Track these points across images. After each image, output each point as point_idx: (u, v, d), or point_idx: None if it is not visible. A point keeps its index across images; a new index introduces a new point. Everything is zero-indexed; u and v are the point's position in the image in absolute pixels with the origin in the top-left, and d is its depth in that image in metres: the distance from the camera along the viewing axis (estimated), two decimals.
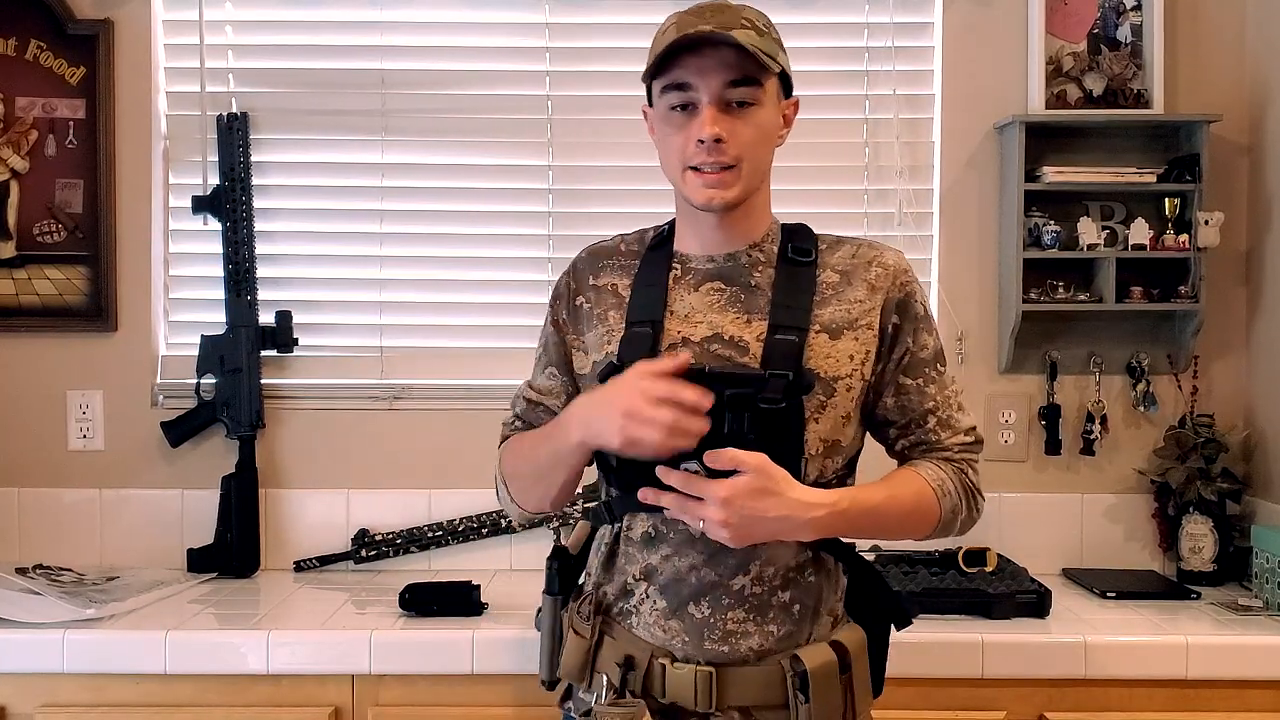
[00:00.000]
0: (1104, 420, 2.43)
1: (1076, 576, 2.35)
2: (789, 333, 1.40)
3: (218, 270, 2.44)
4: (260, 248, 2.45)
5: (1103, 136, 2.42)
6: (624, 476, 1.41)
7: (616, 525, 1.47)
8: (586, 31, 2.48)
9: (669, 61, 1.39)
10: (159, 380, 2.48)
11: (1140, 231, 2.34)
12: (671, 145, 1.43)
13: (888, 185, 2.48)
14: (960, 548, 2.25)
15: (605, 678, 1.44)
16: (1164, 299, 2.36)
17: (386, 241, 2.50)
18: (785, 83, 1.48)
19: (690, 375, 1.31)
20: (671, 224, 1.55)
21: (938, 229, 2.47)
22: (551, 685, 1.54)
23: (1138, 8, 2.41)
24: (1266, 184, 2.38)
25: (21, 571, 2.24)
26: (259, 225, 2.45)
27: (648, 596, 1.44)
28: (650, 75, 1.43)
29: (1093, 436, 2.42)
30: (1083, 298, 2.38)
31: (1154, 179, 2.35)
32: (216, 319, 2.44)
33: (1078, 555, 2.44)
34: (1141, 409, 2.43)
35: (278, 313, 2.44)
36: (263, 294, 2.45)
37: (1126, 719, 1.95)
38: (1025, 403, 2.46)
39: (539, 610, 1.55)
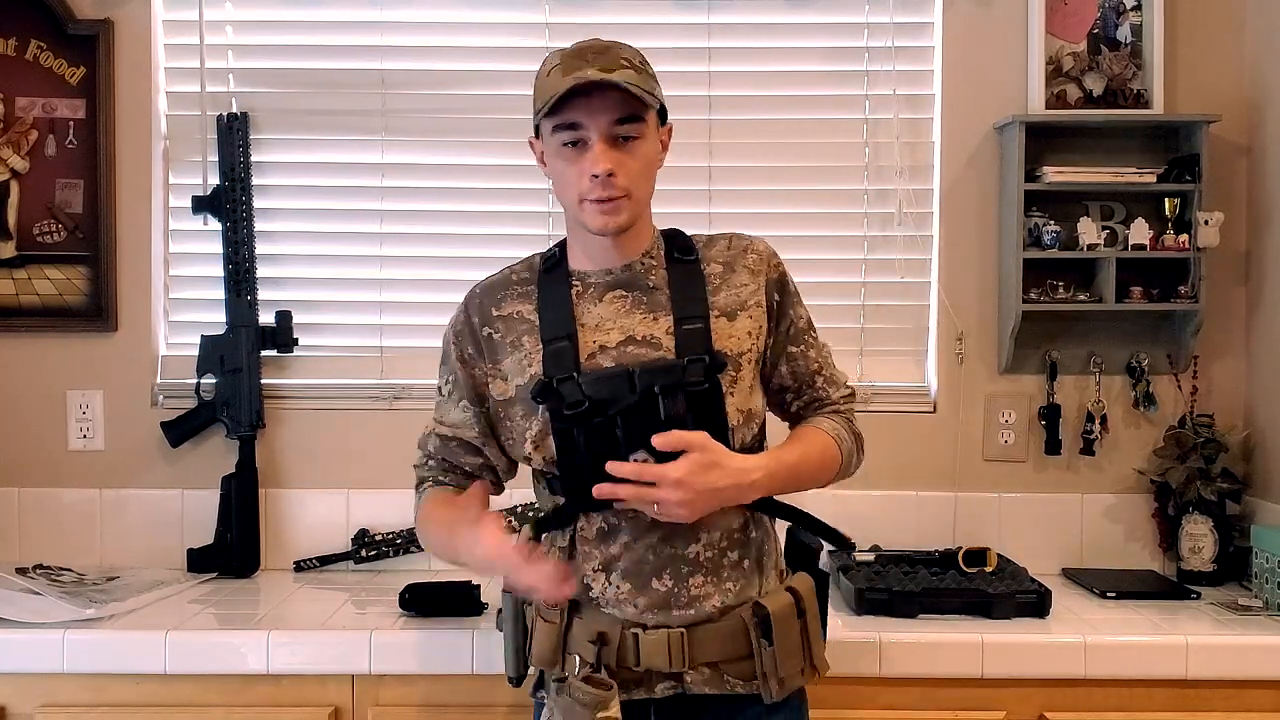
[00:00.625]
0: (1104, 420, 2.43)
1: (1076, 576, 2.35)
2: (694, 321, 1.55)
3: (218, 270, 2.44)
4: (260, 248, 2.45)
5: (1103, 136, 2.42)
6: (569, 482, 1.52)
7: (570, 528, 1.56)
8: (586, 32, 2.42)
9: (559, 102, 1.50)
10: (159, 380, 2.48)
11: (1140, 231, 2.34)
12: (566, 178, 1.55)
13: (888, 185, 2.48)
14: (960, 548, 2.25)
15: (578, 658, 1.53)
16: (1164, 299, 2.36)
17: (386, 241, 2.50)
18: (663, 114, 1.61)
19: (619, 377, 1.48)
20: (560, 246, 1.67)
21: (938, 229, 2.47)
22: (519, 681, 1.65)
23: (1138, 8, 2.41)
24: (1266, 184, 2.38)
25: (21, 571, 2.24)
26: (259, 225, 2.45)
27: (610, 584, 1.54)
28: (541, 114, 1.54)
29: (1093, 436, 2.42)
30: (1083, 298, 2.38)
31: (1154, 179, 2.35)
32: (216, 319, 2.44)
33: (1078, 555, 2.44)
34: (1141, 409, 2.43)
35: (278, 313, 2.44)
36: (263, 294, 2.45)
37: (1126, 719, 1.95)
38: (1025, 403, 2.46)
39: (499, 611, 1.67)
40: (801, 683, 1.58)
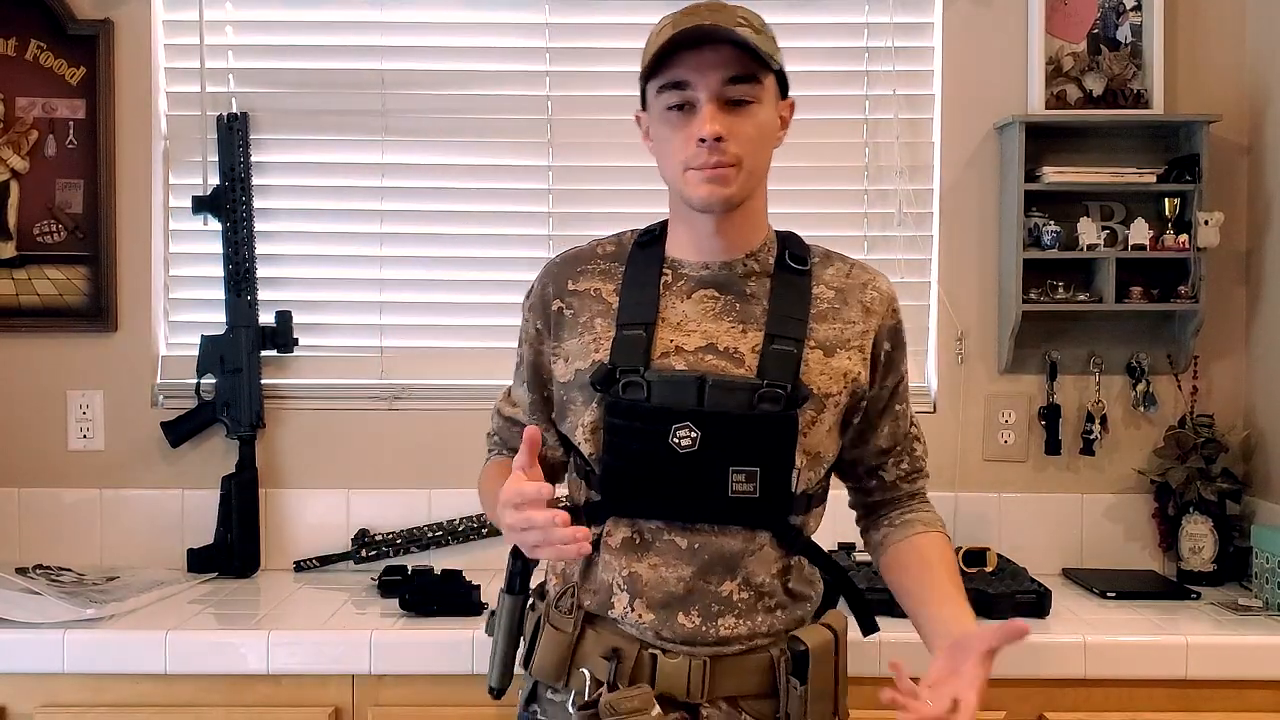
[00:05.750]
0: (1104, 420, 2.43)
1: (1076, 576, 2.35)
2: (785, 344, 1.39)
3: (218, 270, 2.44)
4: (260, 248, 2.45)
5: (1102, 136, 2.42)
6: (608, 482, 1.41)
7: (597, 529, 1.42)
8: (586, 31, 2.48)
9: (666, 60, 1.36)
10: (159, 380, 2.48)
11: (1140, 231, 2.34)
12: (670, 147, 1.39)
13: (888, 185, 2.48)
14: (960, 548, 2.25)
15: (586, 674, 1.41)
16: (1164, 299, 2.36)
17: (386, 241, 2.50)
18: (783, 85, 1.45)
19: (688, 383, 1.35)
20: (662, 224, 1.52)
21: (938, 229, 2.47)
22: (500, 693, 1.54)
23: (1138, 8, 2.41)
24: (1266, 184, 2.38)
25: (21, 571, 2.24)
26: (259, 225, 2.45)
27: (632, 609, 1.41)
28: (647, 76, 1.40)
29: (1093, 436, 2.42)
30: (1083, 298, 2.38)
31: (1154, 179, 2.35)
32: (216, 319, 2.44)
33: (1078, 555, 2.44)
34: (1141, 409, 2.43)
35: (278, 313, 2.44)
36: (263, 294, 2.45)
37: (1126, 719, 1.95)
38: (1025, 403, 2.46)
39: (491, 613, 1.54)
40: None
